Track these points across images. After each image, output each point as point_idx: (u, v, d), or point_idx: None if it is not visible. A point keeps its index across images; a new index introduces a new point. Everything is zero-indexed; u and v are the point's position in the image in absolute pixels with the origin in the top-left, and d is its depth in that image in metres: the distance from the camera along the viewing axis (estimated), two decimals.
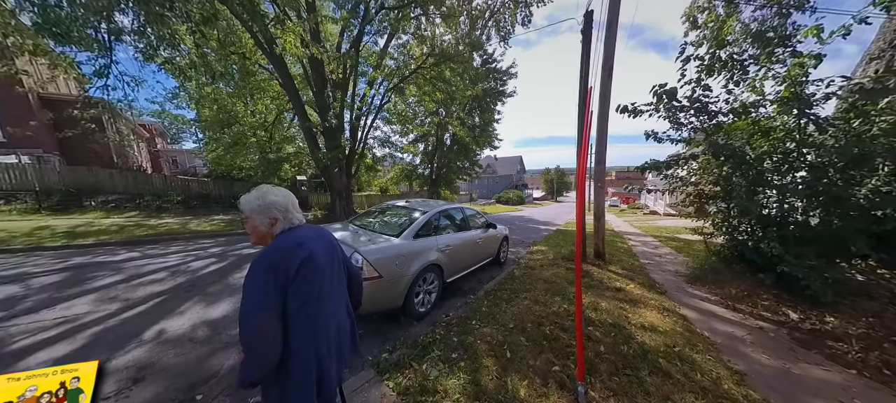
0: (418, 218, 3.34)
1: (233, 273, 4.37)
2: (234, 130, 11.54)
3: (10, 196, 9.06)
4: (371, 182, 21.21)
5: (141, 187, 11.56)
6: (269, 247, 0.96)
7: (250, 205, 1.03)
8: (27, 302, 3.28)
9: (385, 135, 16.46)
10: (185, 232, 7.32)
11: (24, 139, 11.31)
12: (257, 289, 0.88)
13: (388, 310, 2.85)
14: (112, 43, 5.33)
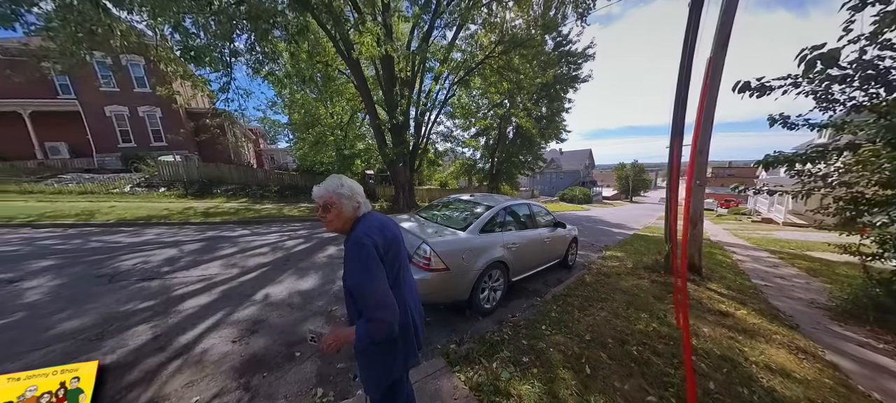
0: (483, 213, 3.24)
1: (317, 252, 4.97)
2: (316, 131, 13.17)
3: (169, 184, 12.26)
4: (432, 176, 21.89)
5: (249, 179, 14.18)
6: (368, 227, 1.04)
7: (338, 191, 1.08)
8: (181, 262, 4.30)
9: (447, 130, 16.32)
10: (281, 216, 8.65)
11: (177, 143, 15.42)
12: (372, 263, 0.96)
13: (453, 303, 2.85)
14: (231, 62, 6.56)
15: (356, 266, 0.97)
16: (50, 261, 4.18)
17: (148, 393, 1.88)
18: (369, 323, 0.96)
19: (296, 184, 15.02)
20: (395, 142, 10.27)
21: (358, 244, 0.98)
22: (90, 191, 10.58)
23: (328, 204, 1.07)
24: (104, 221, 6.64)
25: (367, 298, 0.96)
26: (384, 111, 10.71)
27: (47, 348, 2.31)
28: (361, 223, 1.08)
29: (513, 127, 18.38)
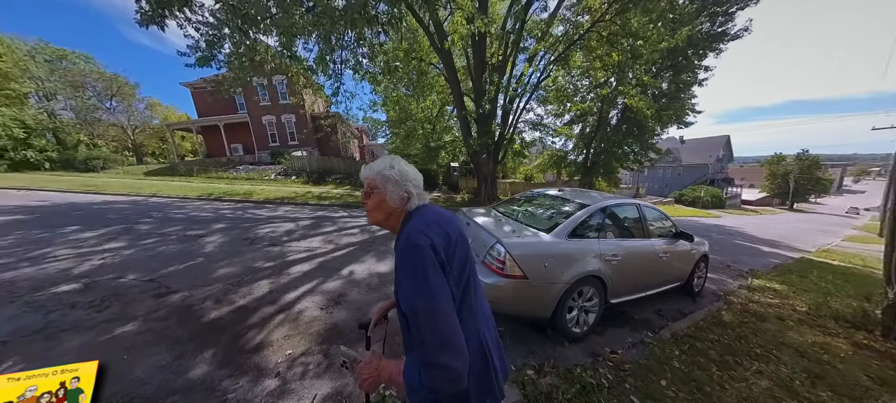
0: (575, 213, 2.59)
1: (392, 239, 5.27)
2: (407, 125, 14.12)
3: (298, 173, 15.93)
4: (516, 169, 20.62)
5: (353, 169, 16.69)
6: (423, 222, 0.78)
7: (384, 172, 0.83)
8: (296, 234, 5.19)
9: (537, 118, 14.45)
10: None
11: (304, 141, 19.84)
12: (430, 272, 0.68)
13: (531, 318, 2.39)
14: (341, 70, 7.46)
15: (409, 277, 0.69)
16: (222, 225, 5.66)
17: (260, 336, 2.28)
18: (429, 371, 0.63)
19: None
20: (480, 132, 9.98)
21: (410, 245, 0.71)
22: (251, 178, 14.62)
23: (371, 188, 0.84)
24: (256, 199, 8.80)
25: (426, 331, 0.64)
26: (472, 101, 10.53)
27: (210, 286, 3.03)
28: (414, 218, 0.82)
29: (618, 110, 15.08)
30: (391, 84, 11.44)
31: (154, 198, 8.91)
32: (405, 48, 10.25)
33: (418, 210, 0.85)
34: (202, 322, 2.46)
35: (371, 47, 6.80)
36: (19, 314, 2.48)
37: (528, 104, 11.78)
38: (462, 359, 0.64)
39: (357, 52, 6.96)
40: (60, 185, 10.80)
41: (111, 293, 2.88)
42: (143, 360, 1.99)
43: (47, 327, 2.33)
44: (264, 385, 1.80)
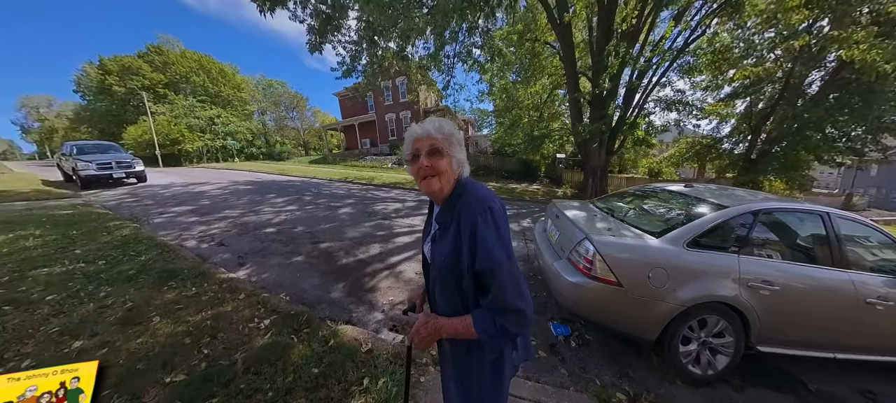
0: (704, 215, 2.00)
1: None
2: (512, 114, 13.42)
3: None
4: (637, 161, 17.12)
5: None
6: (482, 191, 0.79)
7: (454, 134, 0.80)
8: (401, 212, 6.10)
9: (675, 95, 10.23)
10: None
11: None
12: (508, 234, 0.75)
13: (626, 335, 2.03)
14: (453, 63, 7.98)
15: (494, 238, 0.71)
16: (351, 200, 7.21)
17: (372, 282, 2.96)
18: (507, 316, 0.70)
19: (488, 165, 17.27)
20: (593, 116, 8.73)
21: (488, 207, 0.73)
22: (374, 166, 17.69)
23: (438, 149, 0.77)
24: (376, 183, 10.67)
25: (507, 284, 0.70)
26: (588, 79, 9.30)
27: (342, 241, 4.01)
28: (469, 184, 0.81)
29: (824, 71, 9.77)
30: (500, 72, 11.23)
31: (313, 179, 12.18)
32: (519, 30, 9.87)
33: (467, 179, 0.83)
34: (337, 264, 3.31)
35: (484, 34, 6.96)
36: (250, 241, 4.03)
37: (666, 77, 9.24)
38: (530, 303, 0.73)
39: (468, 42, 7.26)
40: (266, 169, 16.47)
41: (289, 237, 4.22)
42: (305, 280, 2.94)
43: (263, 250, 3.68)
44: (374, 315, 2.42)
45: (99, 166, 8.73)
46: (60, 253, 3.18)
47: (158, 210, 5.85)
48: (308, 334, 1.95)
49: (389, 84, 21.74)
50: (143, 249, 3.36)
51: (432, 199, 0.87)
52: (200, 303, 2.29)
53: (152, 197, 7.28)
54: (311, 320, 2.11)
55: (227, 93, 31.58)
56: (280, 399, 1.46)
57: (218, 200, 6.99)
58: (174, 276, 2.70)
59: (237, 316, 2.14)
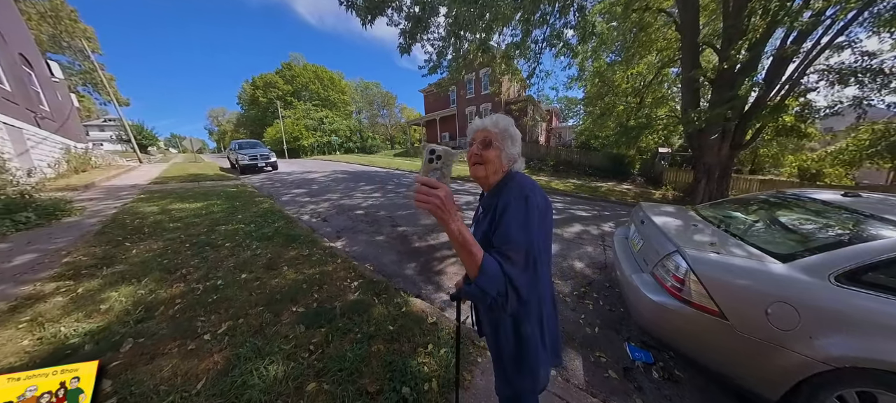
0: (877, 239, 1.44)
1: (564, 226, 5.01)
2: (604, 102, 11.58)
3: None
4: (781, 157, 12.90)
5: (532, 153, 16.99)
6: (528, 183, 0.85)
7: (508, 129, 0.90)
8: (473, 204, 6.18)
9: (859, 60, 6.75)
10: (546, 188, 9.61)
11: None
12: (536, 227, 0.79)
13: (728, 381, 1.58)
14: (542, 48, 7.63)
15: (518, 222, 0.77)
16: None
17: (440, 267, 3.24)
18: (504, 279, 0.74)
19: (570, 160, 15.74)
20: (715, 99, 6.87)
21: (524, 196, 0.80)
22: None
23: (490, 141, 0.87)
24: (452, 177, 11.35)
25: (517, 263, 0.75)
26: (714, 51, 7.42)
27: (417, 227, 4.42)
28: (517, 177, 0.88)
29: None
30: (593, 53, 10.04)
31: (397, 170, 13.61)
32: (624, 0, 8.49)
33: (518, 173, 0.91)
34: (411, 247, 3.73)
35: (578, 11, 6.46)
36: (345, 220, 4.94)
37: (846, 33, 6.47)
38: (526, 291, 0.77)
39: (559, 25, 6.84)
40: (359, 161, 19.17)
41: (374, 219, 4.94)
42: (385, 256, 3.45)
43: (353, 228, 4.45)
44: (440, 295, 2.69)
45: (250, 158, 12.29)
46: (231, 216, 4.59)
47: (284, 191, 7.68)
48: (386, 299, 2.33)
49: (473, 76, 22.25)
50: (276, 219, 4.51)
51: (480, 185, 0.96)
52: (311, 262, 2.98)
53: (281, 181, 9.56)
54: (389, 289, 2.50)
55: (334, 97, 39.39)
56: (366, 340, 1.84)
57: (323, 186, 8.67)
58: (295, 240, 3.57)
59: (335, 275, 2.71)
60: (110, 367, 1.62)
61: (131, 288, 2.46)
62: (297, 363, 1.68)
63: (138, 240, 3.55)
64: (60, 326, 1.97)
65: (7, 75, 8.98)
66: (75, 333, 1.90)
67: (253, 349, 1.76)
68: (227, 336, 1.89)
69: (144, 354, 1.74)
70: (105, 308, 2.19)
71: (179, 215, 4.71)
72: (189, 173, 11.21)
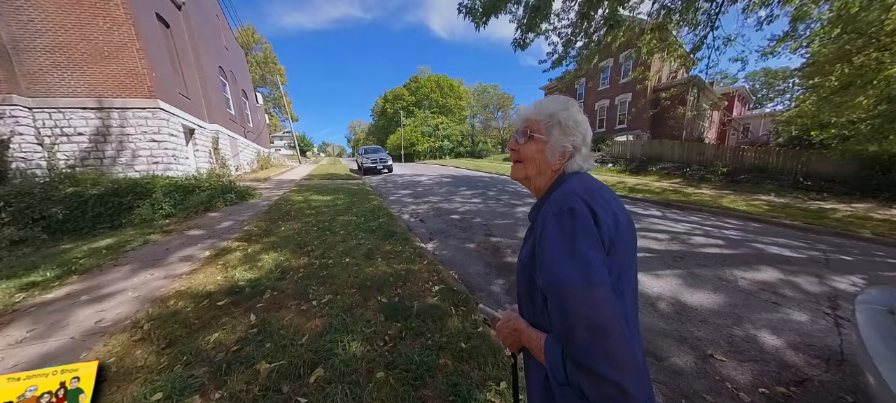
0: None
1: (736, 266, 3.71)
2: (854, 63, 7.50)
3: (615, 160, 15.98)
4: None
5: (691, 156, 13.25)
6: (579, 189, 0.66)
7: (554, 114, 0.74)
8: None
9: None
10: (714, 207, 7.29)
11: (634, 123, 18.76)
12: (591, 249, 0.58)
13: None
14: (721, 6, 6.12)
15: (562, 248, 0.59)
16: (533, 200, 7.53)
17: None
18: (582, 375, 0.55)
19: (763, 166, 11.21)
20: None
21: (566, 209, 0.61)
22: None
23: (531, 132, 0.75)
24: None
25: (577, 323, 0.54)
26: None
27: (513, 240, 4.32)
28: (572, 180, 0.71)
29: None
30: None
31: (502, 176, 13.71)
32: None
33: (577, 174, 0.74)
34: (502, 260, 3.67)
35: None
36: (440, 223, 5.33)
37: None
38: (634, 375, 0.52)
39: None
40: (465, 165, 20.35)
41: (468, 225, 5.13)
42: (472, 266, 3.52)
43: (446, 232, 4.74)
44: None
45: (372, 161, 15.21)
46: (348, 209, 5.75)
47: (393, 191, 8.99)
48: (464, 313, 2.37)
49: (609, 63, 20.22)
50: (381, 215, 5.34)
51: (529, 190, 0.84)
52: (401, 258, 3.37)
53: (392, 182, 11.26)
54: (469, 302, 2.53)
55: (451, 103, 44.75)
56: (435, 350, 1.92)
57: (426, 188, 9.67)
58: (392, 236, 4.12)
59: (419, 275, 2.96)
60: (256, 307, 2.36)
61: (276, 254, 3.46)
62: (373, 347, 1.93)
63: (286, 220, 4.94)
64: (235, 271, 3.02)
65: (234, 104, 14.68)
66: (242, 278, 2.89)
67: (342, 323, 2.15)
68: (327, 307, 2.38)
69: (276, 304, 2.46)
70: (260, 265, 3.17)
71: (315, 205, 6.27)
72: (328, 172, 14.79)
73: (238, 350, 1.92)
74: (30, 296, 2.78)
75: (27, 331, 2.26)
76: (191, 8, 12.02)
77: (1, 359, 1.97)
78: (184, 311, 2.39)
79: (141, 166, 8.59)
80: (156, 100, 8.66)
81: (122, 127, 8.50)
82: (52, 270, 3.24)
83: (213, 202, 6.18)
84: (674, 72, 17.42)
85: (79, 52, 7.93)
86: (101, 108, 8.26)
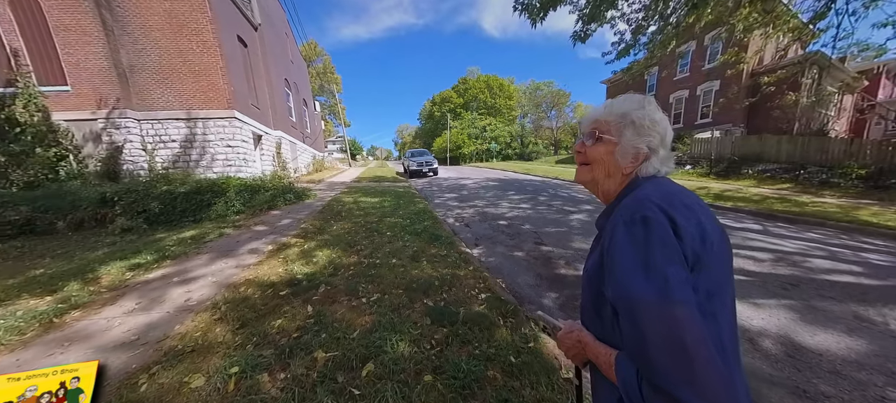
0: None
1: (888, 303, 2.93)
2: None
3: (696, 161, 13.64)
4: None
5: (808, 155, 10.68)
6: (654, 194, 0.62)
7: (627, 113, 0.70)
8: None
9: None
10: (845, 220, 5.89)
11: (722, 116, 16.10)
12: (671, 263, 0.53)
13: None
14: None
15: (634, 258, 0.55)
16: (590, 207, 7.01)
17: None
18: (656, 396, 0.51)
19: None
20: None
21: (639, 217, 0.58)
22: None
23: (600, 133, 0.73)
24: None
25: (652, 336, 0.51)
26: None
27: (567, 250, 4.12)
28: (646, 186, 0.67)
29: None
30: None
31: (555, 179, 13.15)
32: None
33: (653, 178, 0.69)
34: (555, 272, 3.51)
35: None
36: (486, 228, 5.29)
37: None
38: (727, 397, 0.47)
39: None
40: (513, 168, 19.92)
41: (516, 232, 5.01)
42: (521, 275, 3.41)
43: (492, 238, 4.70)
44: None
45: (418, 164, 15.71)
46: (395, 211, 5.99)
47: (438, 194, 9.15)
48: (513, 325, 2.30)
49: (690, 47, 17.30)
50: (426, 218, 5.46)
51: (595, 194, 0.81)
52: (446, 263, 3.41)
53: (437, 185, 11.48)
54: (518, 314, 2.46)
55: (500, 103, 44.66)
56: (483, 361, 1.89)
57: (472, 192, 9.66)
58: (437, 239, 4.19)
59: (465, 281, 2.96)
60: (312, 299, 2.57)
61: (329, 251, 3.74)
62: (420, 349, 1.98)
63: (338, 220, 5.32)
64: (294, 265, 3.33)
65: (295, 112, 16.35)
66: (300, 272, 3.17)
67: (390, 322, 2.24)
68: (376, 305, 2.50)
69: (329, 298, 2.65)
70: (315, 260, 3.46)
71: (363, 206, 6.65)
72: (375, 175, 15.60)
73: (298, 337, 2.10)
74: (136, 275, 3.38)
75: (135, 303, 2.76)
76: (265, 28, 13.70)
77: (119, 324, 2.43)
78: (252, 298, 2.69)
79: (218, 168, 9.95)
80: (232, 111, 10.00)
81: (204, 134, 9.96)
82: (152, 255, 3.90)
83: (275, 201, 6.91)
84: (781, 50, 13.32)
85: (176, 72, 9.52)
86: (190, 119, 9.78)
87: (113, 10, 8.91)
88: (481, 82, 45.78)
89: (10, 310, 2.65)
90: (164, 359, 1.96)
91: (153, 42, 9.27)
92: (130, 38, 9.14)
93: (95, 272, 3.44)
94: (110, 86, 8.91)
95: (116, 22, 8.96)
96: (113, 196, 6.00)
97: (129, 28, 9.08)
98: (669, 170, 0.73)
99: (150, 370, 1.87)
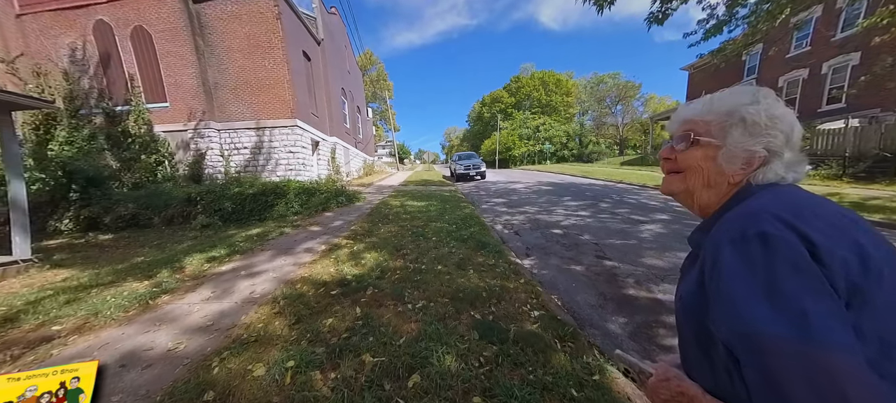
0: None
1: None
2: None
3: (820, 161, 10.38)
4: None
5: None
6: (773, 205, 0.51)
7: (733, 109, 0.58)
8: None
9: None
10: None
11: (860, 102, 11.98)
12: (807, 291, 0.42)
13: None
14: None
15: (751, 284, 0.45)
16: (665, 216, 6.28)
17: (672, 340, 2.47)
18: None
19: None
20: None
21: (746, 236, 0.48)
22: None
23: (692, 135, 0.62)
24: None
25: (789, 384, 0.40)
26: None
27: (637, 266, 3.73)
28: (761, 195, 0.56)
29: None
30: None
31: (619, 183, 12.13)
32: None
33: (771, 187, 0.56)
34: (622, 292, 3.16)
35: None
36: (538, 237, 5.01)
37: None
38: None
39: None
40: (570, 171, 18.81)
41: (573, 242, 4.66)
42: (580, 293, 3.13)
43: (546, 248, 4.45)
44: None
45: (464, 168, 15.82)
46: (441, 216, 6.00)
47: (486, 198, 9.00)
48: (572, 350, 2.09)
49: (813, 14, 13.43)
50: (473, 224, 5.37)
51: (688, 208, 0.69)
52: (495, 273, 3.27)
53: (485, 189, 11.33)
54: (578, 338, 2.23)
55: (556, 100, 42.72)
56: (538, 389, 1.72)
57: (523, 197, 9.32)
58: (485, 247, 4.07)
59: (515, 295, 2.80)
60: (361, 301, 2.65)
61: (376, 254, 3.85)
62: (468, 366, 1.89)
63: (385, 223, 5.50)
64: (344, 266, 3.50)
65: (349, 119, 17.52)
66: (349, 273, 3.31)
67: (436, 332, 2.19)
68: (421, 312, 2.48)
69: (376, 301, 2.71)
70: (363, 262, 3.59)
71: (410, 210, 6.80)
72: (422, 179, 15.99)
73: (347, 338, 2.16)
74: (212, 267, 3.83)
75: (210, 292, 3.11)
76: (327, 43, 15.01)
77: (198, 310, 2.75)
78: (307, 295, 2.86)
79: (280, 172, 11.03)
80: (295, 120, 11.04)
81: (270, 141, 11.14)
82: (224, 249, 4.41)
83: (328, 203, 7.44)
84: None
85: (249, 86, 10.85)
86: (258, 127, 11.02)
87: (205, 36, 10.57)
88: (535, 79, 44.15)
89: (119, 291, 3.20)
90: (233, 346, 2.14)
91: (233, 61, 10.73)
92: (216, 59, 10.68)
93: (181, 262, 3.99)
94: (198, 101, 10.47)
95: (207, 46, 10.57)
96: (196, 196, 6.97)
97: (216, 51, 10.64)
98: (798, 177, 0.59)
99: (221, 354, 2.06)
